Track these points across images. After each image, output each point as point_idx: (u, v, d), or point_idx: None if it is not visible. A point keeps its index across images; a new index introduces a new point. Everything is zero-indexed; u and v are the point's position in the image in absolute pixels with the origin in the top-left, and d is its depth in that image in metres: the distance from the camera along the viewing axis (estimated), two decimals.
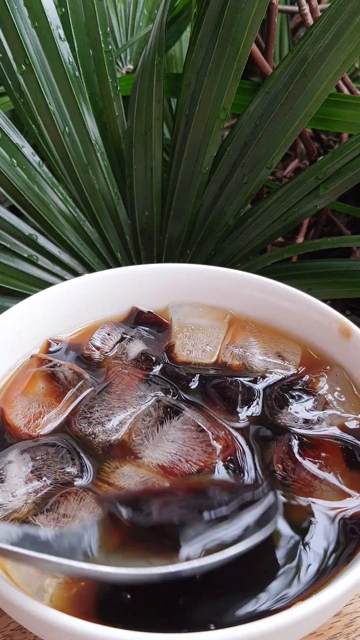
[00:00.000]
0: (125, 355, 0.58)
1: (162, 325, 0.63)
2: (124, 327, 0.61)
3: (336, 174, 0.73)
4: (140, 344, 0.58)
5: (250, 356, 0.57)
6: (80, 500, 0.42)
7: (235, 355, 0.58)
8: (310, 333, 0.60)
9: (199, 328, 0.60)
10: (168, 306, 0.64)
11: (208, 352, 0.58)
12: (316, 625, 0.42)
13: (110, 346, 0.59)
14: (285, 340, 0.60)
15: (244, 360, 0.57)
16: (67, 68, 0.77)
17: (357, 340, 0.56)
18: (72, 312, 0.62)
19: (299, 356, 0.58)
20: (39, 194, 0.78)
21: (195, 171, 0.78)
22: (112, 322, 0.62)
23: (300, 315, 0.61)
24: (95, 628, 0.34)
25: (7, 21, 0.73)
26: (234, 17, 0.69)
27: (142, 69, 0.81)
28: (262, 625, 0.34)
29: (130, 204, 0.84)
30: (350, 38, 0.68)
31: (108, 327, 0.61)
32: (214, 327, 0.61)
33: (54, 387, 0.53)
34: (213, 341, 0.59)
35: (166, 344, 0.60)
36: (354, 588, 0.37)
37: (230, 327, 0.61)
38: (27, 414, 0.51)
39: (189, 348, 0.58)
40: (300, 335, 0.61)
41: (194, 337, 0.59)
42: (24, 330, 0.58)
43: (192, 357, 0.58)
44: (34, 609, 0.35)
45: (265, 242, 0.78)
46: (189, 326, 0.60)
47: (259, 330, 0.61)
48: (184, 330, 0.60)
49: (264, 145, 0.74)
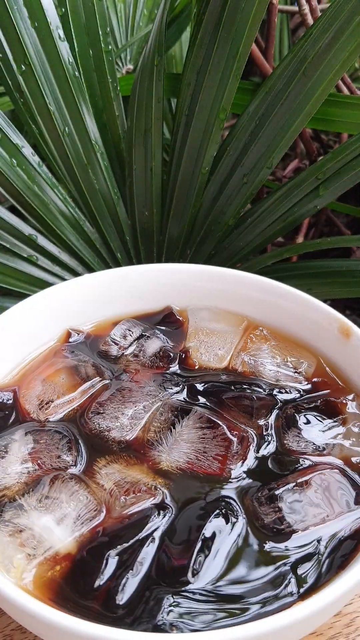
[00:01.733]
0: (143, 354, 0.58)
1: (180, 326, 0.63)
2: (143, 325, 0.62)
3: (336, 174, 0.73)
4: (158, 344, 0.59)
5: (261, 365, 0.57)
6: (66, 485, 0.44)
7: (246, 363, 0.57)
8: (310, 333, 0.60)
9: (214, 332, 0.60)
10: (187, 308, 0.64)
11: (219, 357, 0.58)
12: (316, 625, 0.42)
13: (128, 343, 0.60)
14: (301, 350, 0.59)
15: (255, 368, 0.57)
16: (67, 68, 0.77)
17: (357, 340, 0.56)
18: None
19: (313, 368, 0.57)
20: (39, 194, 0.78)
21: (195, 171, 0.78)
22: (131, 320, 0.62)
23: (300, 315, 0.61)
24: (95, 628, 0.34)
25: (7, 21, 0.73)
26: (234, 17, 0.69)
27: (142, 69, 0.81)
28: (262, 625, 0.34)
29: (130, 204, 0.84)
30: (350, 38, 0.68)
31: (127, 323, 0.61)
32: (229, 332, 0.60)
33: (73, 379, 0.55)
34: (226, 346, 0.59)
35: (181, 346, 0.60)
36: (354, 588, 0.37)
37: (245, 333, 0.61)
38: (40, 398, 0.53)
39: (202, 351, 0.59)
40: (300, 335, 0.61)
41: (207, 341, 0.59)
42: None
43: (204, 360, 0.58)
44: (34, 609, 0.35)
45: (265, 242, 0.78)
46: (204, 330, 0.61)
47: (274, 338, 0.60)
48: (198, 334, 0.60)
49: (264, 145, 0.74)
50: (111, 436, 0.49)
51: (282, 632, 0.35)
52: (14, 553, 0.40)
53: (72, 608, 0.38)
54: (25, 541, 0.40)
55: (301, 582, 0.40)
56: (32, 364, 0.58)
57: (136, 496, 0.43)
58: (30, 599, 0.36)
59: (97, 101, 0.82)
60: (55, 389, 0.54)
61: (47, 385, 0.54)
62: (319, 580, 0.40)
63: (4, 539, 0.41)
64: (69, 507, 0.42)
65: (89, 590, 0.38)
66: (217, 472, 0.46)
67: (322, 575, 0.40)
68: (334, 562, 0.41)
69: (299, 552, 0.41)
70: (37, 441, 0.48)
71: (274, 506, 0.42)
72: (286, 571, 0.40)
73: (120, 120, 0.84)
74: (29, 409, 0.53)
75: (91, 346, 0.61)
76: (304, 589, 0.39)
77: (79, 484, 0.44)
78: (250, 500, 0.44)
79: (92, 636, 0.34)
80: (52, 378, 0.55)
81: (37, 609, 0.35)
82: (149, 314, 0.65)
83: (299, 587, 0.39)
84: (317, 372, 0.57)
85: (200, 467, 0.46)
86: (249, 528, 0.42)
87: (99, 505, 0.43)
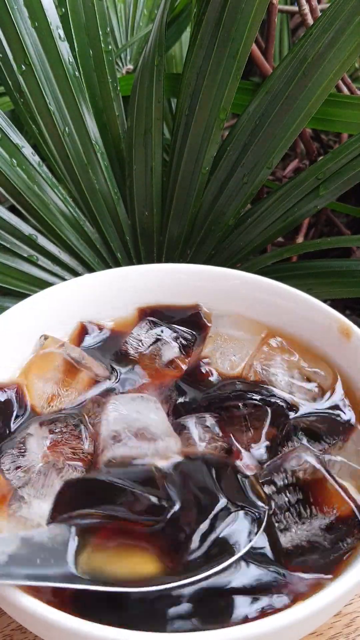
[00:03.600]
0: (159, 357, 0.59)
1: (203, 329, 0.63)
2: (163, 326, 0.62)
3: (336, 174, 0.73)
4: (175, 348, 0.59)
5: (274, 375, 0.56)
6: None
7: (259, 372, 0.56)
8: (310, 333, 0.60)
9: (232, 339, 0.60)
10: (212, 312, 0.64)
11: (233, 363, 0.57)
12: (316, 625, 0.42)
13: (147, 344, 0.60)
14: (319, 362, 0.58)
15: (267, 377, 0.56)
16: (67, 68, 0.77)
17: (357, 340, 0.56)
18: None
19: (329, 382, 0.56)
20: (39, 194, 0.78)
21: (195, 171, 0.78)
22: (152, 320, 0.62)
23: (300, 315, 0.61)
24: (96, 628, 0.34)
25: (7, 21, 0.73)
26: (234, 17, 0.69)
27: (142, 69, 0.81)
28: (262, 625, 0.34)
29: (130, 204, 0.84)
30: (350, 38, 0.68)
31: (148, 324, 0.61)
32: (247, 340, 0.60)
33: (71, 377, 0.56)
34: (241, 353, 0.58)
35: (199, 350, 0.60)
36: (354, 588, 0.37)
37: (263, 342, 0.60)
38: (47, 393, 0.54)
39: (217, 356, 0.58)
40: (300, 335, 0.61)
41: (224, 347, 0.59)
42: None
43: (218, 366, 0.57)
44: (34, 609, 0.35)
45: (265, 242, 0.78)
46: (223, 335, 0.60)
47: (293, 349, 0.59)
48: (217, 339, 0.60)
49: (264, 145, 0.74)
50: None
51: (282, 632, 0.35)
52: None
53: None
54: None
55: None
56: (36, 360, 0.58)
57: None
58: (30, 599, 0.36)
59: (97, 101, 0.82)
60: (61, 385, 0.55)
61: (52, 381, 0.55)
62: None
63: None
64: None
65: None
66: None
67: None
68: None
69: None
70: (52, 431, 0.48)
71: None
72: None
73: (120, 120, 0.84)
74: (35, 404, 0.53)
75: (112, 344, 0.61)
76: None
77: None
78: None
79: (92, 636, 0.34)
80: (58, 374, 0.56)
81: (37, 609, 0.35)
82: (178, 307, 0.65)
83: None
84: (334, 386, 0.56)
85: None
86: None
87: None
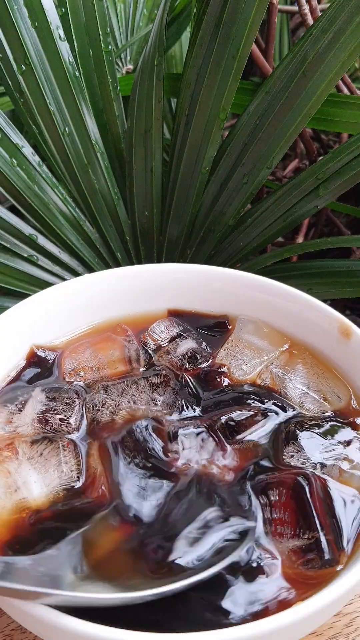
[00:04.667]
0: (174, 352, 0.59)
1: (225, 332, 0.63)
2: (183, 326, 0.63)
3: (336, 174, 0.73)
4: (191, 346, 0.60)
5: (289, 380, 0.55)
6: (59, 451, 0.47)
7: (275, 376, 0.56)
8: (310, 333, 0.60)
9: (251, 346, 0.59)
10: (238, 317, 0.64)
11: (245, 371, 0.57)
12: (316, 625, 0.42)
13: (165, 339, 0.61)
14: (336, 380, 0.57)
15: (282, 383, 0.55)
16: (67, 68, 0.77)
17: (357, 340, 0.56)
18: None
19: (344, 401, 0.55)
20: (39, 194, 0.78)
21: (195, 171, 0.78)
22: (173, 319, 0.63)
23: (300, 315, 0.61)
24: (95, 628, 0.34)
25: (7, 21, 0.73)
26: (234, 17, 0.69)
27: (142, 69, 0.81)
28: (262, 625, 0.34)
29: (130, 204, 0.84)
30: (350, 38, 0.68)
31: (167, 322, 0.63)
32: (266, 350, 0.59)
33: (119, 357, 0.58)
34: (255, 362, 0.58)
35: (216, 351, 0.60)
36: (354, 588, 0.37)
37: (283, 354, 0.59)
38: (79, 364, 0.57)
39: (230, 360, 0.58)
40: (300, 335, 0.61)
41: (240, 352, 0.59)
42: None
43: (231, 370, 0.57)
44: (34, 609, 0.35)
45: (265, 242, 0.78)
46: (243, 341, 0.60)
47: (313, 364, 0.58)
48: (236, 343, 0.60)
49: (264, 145, 0.74)
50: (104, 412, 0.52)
51: (282, 632, 0.35)
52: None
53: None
54: (8, 483, 0.45)
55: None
56: (87, 334, 0.62)
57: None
58: None
59: (97, 101, 0.82)
60: (99, 361, 0.58)
61: (92, 354, 0.58)
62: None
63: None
64: (55, 472, 0.46)
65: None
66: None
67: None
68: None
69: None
70: (50, 399, 0.52)
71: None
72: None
73: (120, 120, 0.84)
74: (65, 370, 0.57)
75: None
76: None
77: (71, 453, 0.47)
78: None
79: (92, 636, 0.34)
80: (101, 350, 0.59)
81: (37, 609, 0.35)
82: (205, 314, 0.65)
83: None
84: (347, 407, 0.54)
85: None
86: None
87: (79, 478, 0.46)
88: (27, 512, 0.43)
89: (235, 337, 0.61)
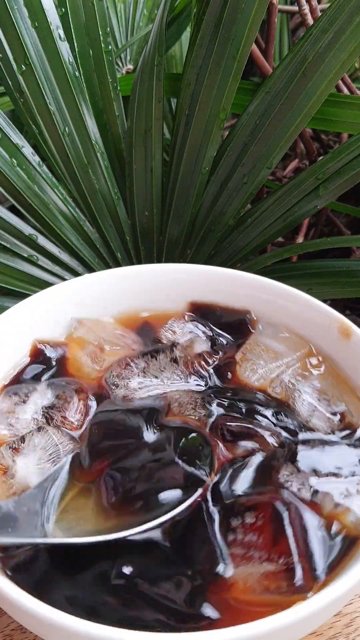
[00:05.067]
0: (189, 349, 0.59)
1: (245, 334, 0.62)
2: (201, 322, 0.63)
3: (336, 174, 0.73)
4: (208, 343, 0.60)
5: (300, 392, 0.54)
6: (56, 448, 0.49)
7: (286, 386, 0.55)
8: (310, 333, 0.60)
9: (268, 350, 0.58)
10: (260, 319, 0.63)
11: (260, 375, 0.56)
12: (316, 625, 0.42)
13: (181, 334, 0.61)
14: (351, 396, 0.55)
15: (292, 393, 0.54)
16: (67, 68, 0.77)
17: (357, 340, 0.56)
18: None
19: (357, 418, 0.53)
20: (39, 194, 0.78)
21: (195, 171, 0.78)
22: (192, 315, 0.63)
23: (300, 315, 0.61)
24: (95, 628, 0.34)
25: (7, 21, 0.73)
26: (234, 17, 0.69)
27: (142, 69, 0.81)
28: (262, 625, 0.34)
29: (130, 204, 0.84)
30: (350, 38, 0.68)
31: (187, 317, 0.63)
32: (283, 355, 0.58)
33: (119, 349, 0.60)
34: (271, 367, 0.57)
35: (233, 352, 0.59)
36: (354, 588, 0.37)
37: (300, 361, 0.58)
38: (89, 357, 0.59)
39: (244, 362, 0.58)
40: (300, 335, 0.61)
41: (256, 356, 0.58)
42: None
43: (242, 372, 0.57)
44: (34, 609, 0.35)
45: (265, 242, 0.78)
46: (261, 345, 0.59)
47: (330, 374, 0.56)
48: (254, 347, 0.59)
49: (264, 145, 0.74)
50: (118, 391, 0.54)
51: (282, 632, 0.35)
52: None
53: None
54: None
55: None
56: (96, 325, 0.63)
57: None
58: (30, 598, 0.36)
59: (97, 101, 0.82)
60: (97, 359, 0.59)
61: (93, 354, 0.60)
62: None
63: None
64: (48, 463, 0.47)
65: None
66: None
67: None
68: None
69: None
70: (55, 396, 0.53)
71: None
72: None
73: (120, 120, 0.84)
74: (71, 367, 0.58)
75: (149, 331, 0.63)
76: None
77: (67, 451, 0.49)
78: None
79: (92, 636, 0.34)
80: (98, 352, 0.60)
81: (37, 609, 0.35)
82: (228, 308, 0.64)
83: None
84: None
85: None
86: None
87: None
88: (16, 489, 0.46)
89: (254, 340, 0.59)
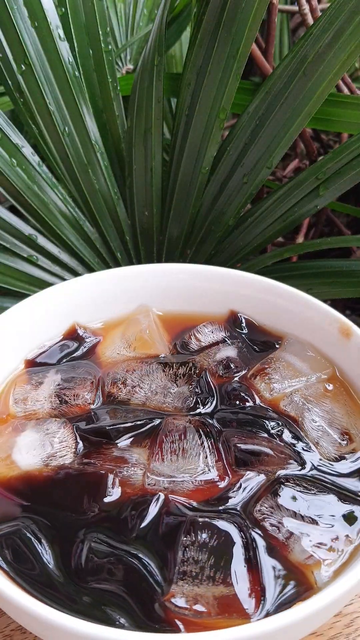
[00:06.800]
0: (212, 356, 0.59)
1: (270, 348, 0.62)
2: (230, 331, 0.63)
3: (336, 174, 0.73)
4: (232, 353, 0.60)
5: (310, 411, 0.53)
6: (63, 432, 0.51)
7: (297, 404, 0.54)
8: (310, 333, 0.60)
9: (289, 366, 0.58)
10: (286, 335, 0.63)
11: (275, 389, 0.56)
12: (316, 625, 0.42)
13: (208, 341, 0.62)
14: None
15: (302, 413, 0.53)
16: (67, 68, 0.77)
17: (357, 340, 0.56)
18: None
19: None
20: (39, 194, 0.78)
21: (195, 171, 0.78)
22: (216, 322, 0.64)
23: (300, 315, 0.61)
24: (95, 628, 0.34)
25: (7, 21, 0.73)
26: (234, 17, 0.69)
27: (142, 69, 0.81)
28: (262, 625, 0.34)
29: (130, 204, 0.84)
30: (350, 38, 0.67)
31: (212, 325, 0.63)
32: (303, 374, 0.57)
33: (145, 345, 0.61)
34: (287, 384, 0.56)
35: (255, 365, 0.59)
36: (354, 588, 0.37)
37: (318, 382, 0.57)
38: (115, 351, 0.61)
39: (265, 378, 0.57)
40: (300, 335, 0.61)
41: (277, 370, 0.57)
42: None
43: (258, 383, 0.57)
44: (34, 609, 0.35)
45: (265, 242, 0.78)
46: (283, 361, 0.58)
47: (345, 401, 0.55)
48: (275, 361, 0.58)
49: (264, 145, 0.74)
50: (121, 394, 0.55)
51: (282, 632, 0.35)
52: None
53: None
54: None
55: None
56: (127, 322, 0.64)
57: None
58: (30, 598, 0.36)
59: (97, 101, 0.82)
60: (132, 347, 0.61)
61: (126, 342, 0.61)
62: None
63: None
64: (52, 448, 0.49)
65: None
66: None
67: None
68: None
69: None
70: (66, 380, 0.56)
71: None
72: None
73: (120, 120, 0.84)
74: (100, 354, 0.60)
75: (179, 335, 0.64)
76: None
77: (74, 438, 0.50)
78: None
79: (91, 636, 0.34)
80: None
81: (37, 609, 0.35)
82: (267, 331, 0.64)
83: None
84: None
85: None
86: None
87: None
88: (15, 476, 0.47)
89: (277, 356, 0.59)
